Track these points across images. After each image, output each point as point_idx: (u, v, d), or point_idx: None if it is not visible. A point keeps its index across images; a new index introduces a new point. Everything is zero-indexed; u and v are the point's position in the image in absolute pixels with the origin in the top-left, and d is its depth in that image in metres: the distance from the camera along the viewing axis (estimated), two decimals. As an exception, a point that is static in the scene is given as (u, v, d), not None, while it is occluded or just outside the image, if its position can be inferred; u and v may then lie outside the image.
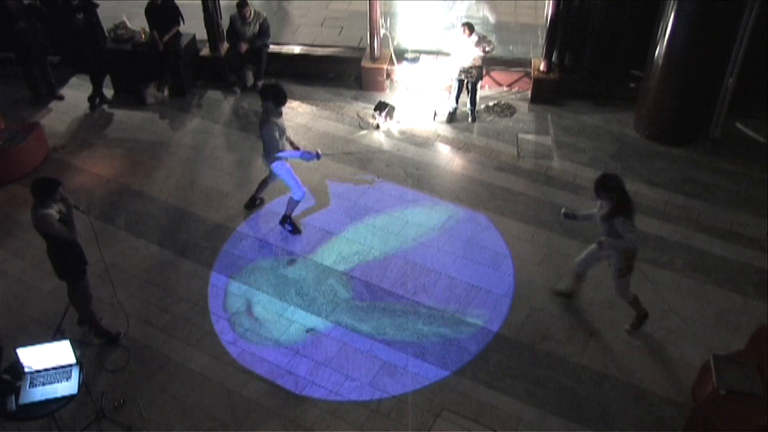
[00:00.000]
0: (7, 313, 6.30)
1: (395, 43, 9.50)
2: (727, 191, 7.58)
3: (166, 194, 7.73)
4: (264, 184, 7.32)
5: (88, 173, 8.11)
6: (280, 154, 6.73)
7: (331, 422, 5.31)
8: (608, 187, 5.26)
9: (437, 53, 9.26)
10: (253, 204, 7.44)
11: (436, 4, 10.72)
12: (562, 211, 5.88)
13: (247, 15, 8.97)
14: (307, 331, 6.06)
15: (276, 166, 6.83)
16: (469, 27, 8.20)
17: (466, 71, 8.42)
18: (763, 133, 8.50)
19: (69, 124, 9.02)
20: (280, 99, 6.56)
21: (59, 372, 4.89)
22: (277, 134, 6.62)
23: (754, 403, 4.68)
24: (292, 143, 6.96)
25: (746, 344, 5.29)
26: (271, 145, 6.67)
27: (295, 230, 7.10)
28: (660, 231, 7.02)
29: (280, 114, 6.66)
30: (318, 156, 6.81)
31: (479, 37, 8.25)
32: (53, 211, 5.22)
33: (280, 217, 7.13)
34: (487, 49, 8.26)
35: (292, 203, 7.00)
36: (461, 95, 8.75)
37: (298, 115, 9.05)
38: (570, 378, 5.60)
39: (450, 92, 8.86)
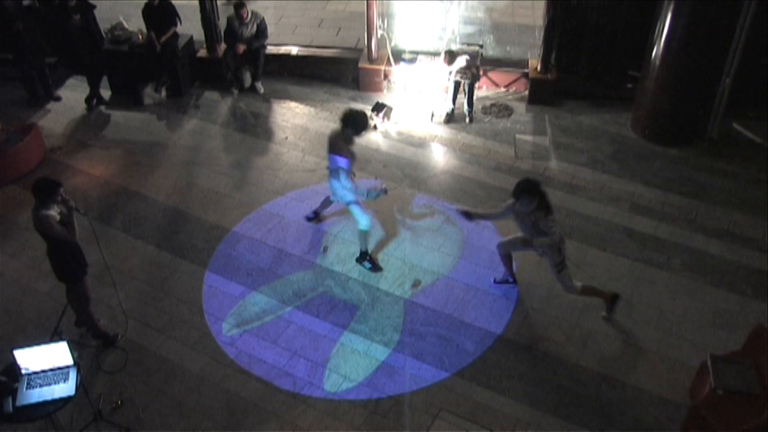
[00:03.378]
0: (4, 315, 6.29)
1: (392, 43, 9.50)
2: (725, 191, 7.60)
3: (164, 195, 7.72)
4: (326, 202, 7.03)
5: (86, 174, 8.10)
6: (351, 189, 6.21)
7: (329, 423, 5.30)
8: (534, 191, 5.42)
9: (434, 54, 9.27)
10: (315, 218, 7.20)
11: (433, 5, 10.70)
12: (459, 208, 6.08)
13: (245, 16, 8.97)
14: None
15: (347, 195, 6.36)
16: (450, 55, 8.22)
17: (462, 72, 8.43)
18: (760, 133, 8.52)
19: (66, 125, 9.01)
20: (361, 129, 6.24)
21: (56, 373, 4.88)
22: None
23: (752, 403, 4.69)
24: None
25: (743, 344, 5.31)
26: (348, 175, 6.20)
27: (375, 268, 6.60)
28: (657, 231, 7.03)
29: (353, 143, 6.31)
30: (384, 191, 6.37)
31: (470, 56, 8.27)
32: (54, 213, 5.21)
33: (356, 256, 6.65)
34: (469, 63, 8.27)
35: (362, 236, 6.53)
36: (458, 96, 8.76)
37: (296, 115, 9.04)
38: (568, 378, 5.60)
39: (447, 93, 8.86)
